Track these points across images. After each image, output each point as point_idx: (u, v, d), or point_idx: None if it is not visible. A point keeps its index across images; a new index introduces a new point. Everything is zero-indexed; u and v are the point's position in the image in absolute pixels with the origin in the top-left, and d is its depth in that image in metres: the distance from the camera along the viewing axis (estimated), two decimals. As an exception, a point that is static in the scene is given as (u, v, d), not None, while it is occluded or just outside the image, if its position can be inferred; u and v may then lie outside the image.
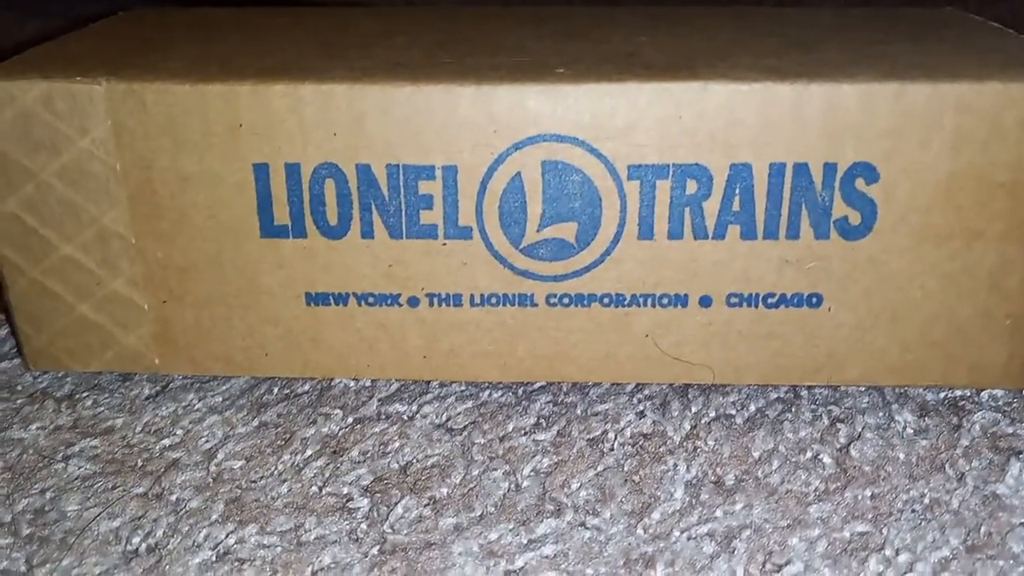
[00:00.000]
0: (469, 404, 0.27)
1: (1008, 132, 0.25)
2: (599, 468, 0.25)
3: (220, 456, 0.25)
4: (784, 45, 0.28)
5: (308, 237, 0.26)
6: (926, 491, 0.24)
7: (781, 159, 0.25)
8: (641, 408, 0.27)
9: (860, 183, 0.25)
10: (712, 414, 0.27)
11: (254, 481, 0.24)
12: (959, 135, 0.25)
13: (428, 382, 0.28)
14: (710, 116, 0.24)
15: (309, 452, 0.25)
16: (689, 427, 0.26)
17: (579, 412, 0.27)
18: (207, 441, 0.26)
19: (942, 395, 0.28)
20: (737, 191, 0.25)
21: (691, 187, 0.25)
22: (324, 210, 0.25)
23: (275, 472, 0.25)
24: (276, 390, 0.28)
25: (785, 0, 0.76)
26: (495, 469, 0.25)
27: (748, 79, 0.24)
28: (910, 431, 0.26)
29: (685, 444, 0.26)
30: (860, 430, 0.26)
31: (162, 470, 0.25)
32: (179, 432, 0.26)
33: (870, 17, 0.32)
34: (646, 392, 0.28)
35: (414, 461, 0.25)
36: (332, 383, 0.28)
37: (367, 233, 0.26)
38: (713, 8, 0.34)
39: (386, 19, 0.33)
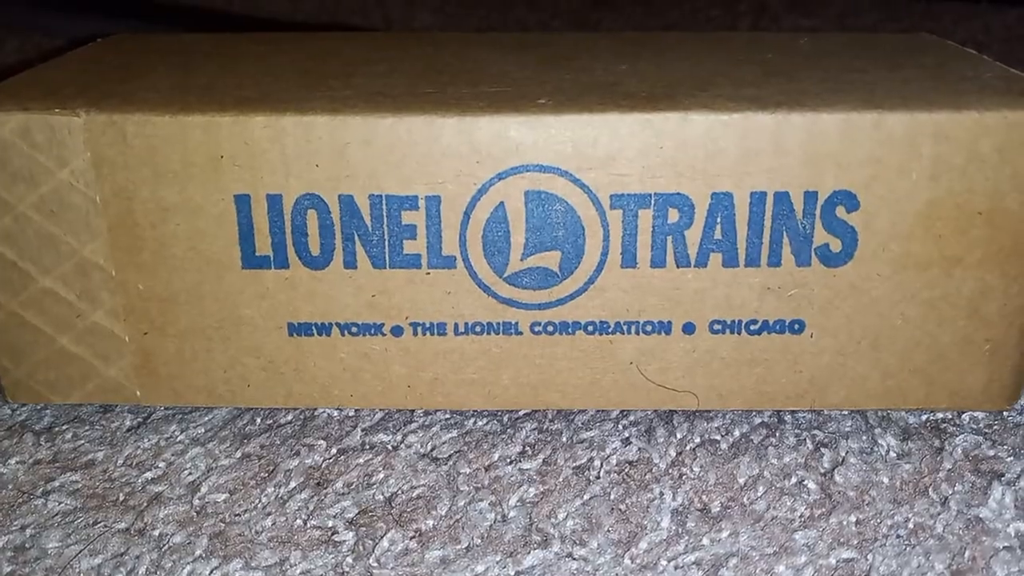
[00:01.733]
0: (454, 433, 0.27)
1: (985, 160, 0.25)
2: (585, 497, 0.25)
3: (203, 489, 0.25)
4: (763, 73, 0.28)
5: (290, 268, 0.26)
6: (910, 516, 0.24)
7: (762, 188, 0.25)
8: (626, 435, 0.27)
9: (840, 211, 0.25)
10: (697, 440, 0.27)
11: (238, 515, 0.24)
12: (937, 163, 0.25)
13: (412, 411, 0.28)
14: (691, 146, 0.25)
15: (293, 484, 0.25)
16: (674, 454, 0.26)
17: (565, 440, 0.27)
18: (190, 474, 0.25)
19: (924, 418, 0.28)
20: (719, 220, 0.25)
21: (673, 216, 0.25)
22: (306, 241, 0.25)
23: (259, 505, 0.24)
24: (259, 420, 0.28)
25: (761, 24, 0.77)
26: (481, 500, 0.25)
27: (728, 109, 0.25)
28: (893, 455, 0.27)
29: (671, 471, 0.26)
30: (844, 455, 0.26)
31: (144, 504, 0.24)
32: (161, 465, 0.26)
33: (847, 43, 0.32)
34: (631, 418, 0.28)
35: (399, 492, 0.25)
36: (315, 413, 0.28)
37: (350, 263, 0.25)
38: (693, 34, 0.34)
39: (367, 46, 0.33)
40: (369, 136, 0.25)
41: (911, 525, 0.24)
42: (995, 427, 0.28)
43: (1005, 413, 0.28)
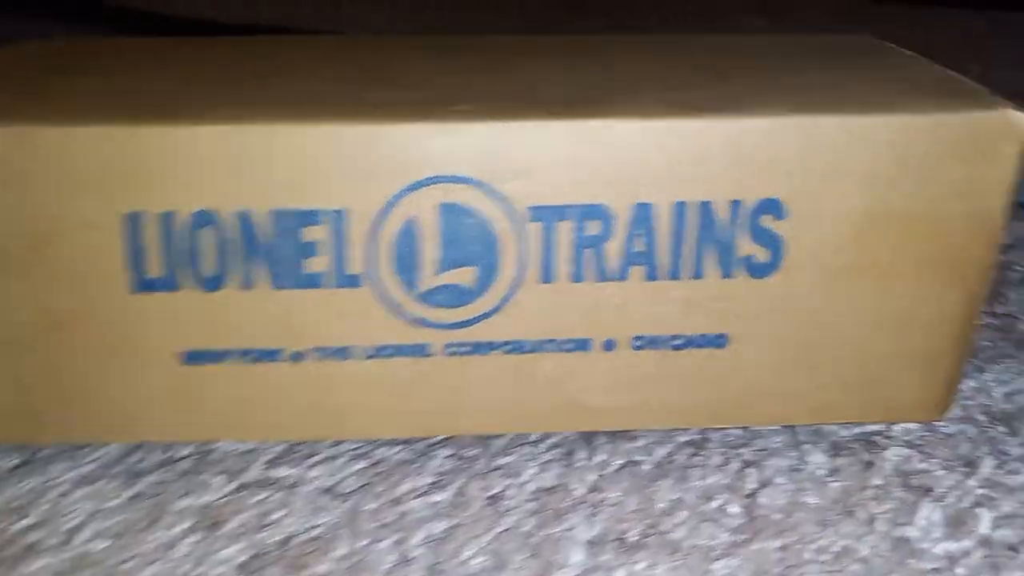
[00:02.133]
0: (361, 464, 0.25)
1: (917, 165, 0.24)
2: (496, 531, 0.23)
3: (85, 535, 0.23)
4: (693, 76, 0.27)
5: (183, 290, 0.24)
6: (836, 539, 0.23)
7: (684, 197, 0.24)
8: (546, 459, 0.26)
9: (767, 220, 0.24)
10: (619, 462, 0.26)
11: (121, 562, 0.22)
12: (868, 170, 0.24)
13: (319, 442, 0.26)
14: (612, 154, 0.23)
15: (184, 526, 0.23)
16: (594, 478, 0.25)
17: (480, 467, 0.25)
18: (73, 518, 0.23)
19: (856, 430, 0.27)
20: (640, 232, 0.24)
21: (593, 228, 0.24)
22: (201, 261, 0.23)
23: (144, 551, 0.22)
24: (154, 456, 0.26)
25: (715, 26, 0.76)
26: (383, 539, 0.23)
27: (652, 115, 0.23)
28: (822, 472, 0.26)
29: (588, 498, 0.25)
30: (770, 475, 0.25)
31: (18, 556, 0.22)
32: (43, 509, 0.24)
33: (784, 44, 0.31)
34: (552, 440, 0.27)
35: (297, 533, 0.23)
36: (215, 446, 0.26)
37: (247, 284, 0.24)
38: (638, 37, 0.33)
39: (293, 50, 0.30)
40: (268, 147, 0.23)
41: (836, 549, 0.23)
42: (927, 438, 0.27)
43: (937, 423, 0.28)
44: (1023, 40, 0.70)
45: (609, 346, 0.25)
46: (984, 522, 0.24)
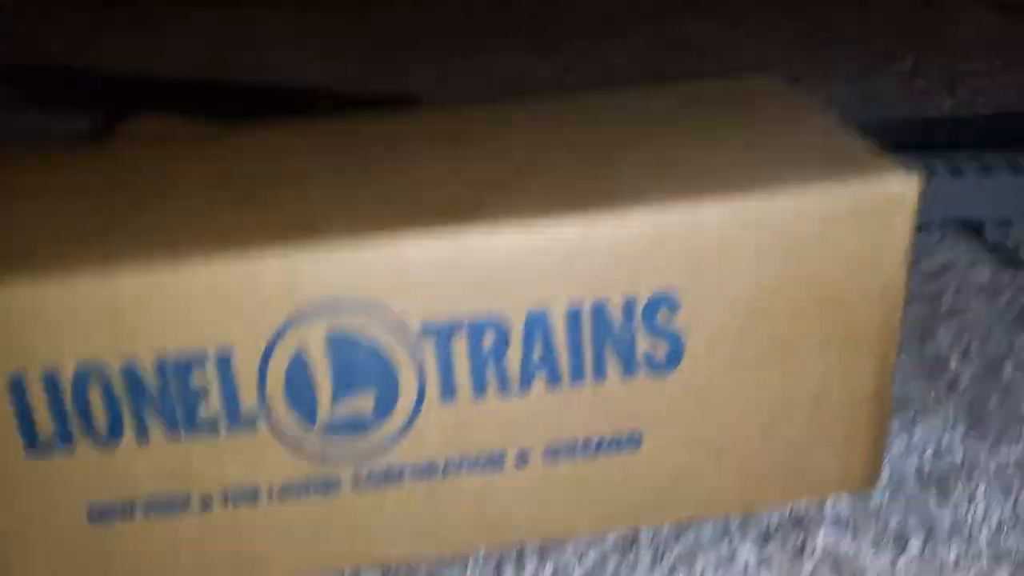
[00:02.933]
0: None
1: (806, 243, 0.24)
2: (424, 662, 0.23)
3: None
4: (580, 159, 0.26)
5: (79, 449, 0.23)
6: (769, 638, 0.23)
7: (577, 300, 0.23)
8: (474, 576, 0.25)
9: (662, 314, 0.24)
10: (548, 573, 0.25)
11: None
12: (759, 251, 0.24)
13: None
14: (498, 261, 0.23)
15: None
16: (523, 595, 0.25)
17: (406, 593, 0.25)
18: None
19: (786, 511, 0.27)
20: (537, 339, 0.24)
21: (489, 340, 0.24)
22: (91, 417, 0.23)
23: None
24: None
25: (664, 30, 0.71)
26: None
27: (535, 215, 0.23)
28: (752, 564, 0.25)
29: (519, 615, 0.24)
30: (700, 572, 0.25)
31: None
32: None
33: (681, 101, 0.29)
34: (480, 553, 0.26)
35: None
36: (131, 599, 0.25)
37: (142, 437, 0.23)
38: (522, 106, 0.31)
39: (162, 165, 0.28)
40: (142, 291, 0.22)
41: (770, 650, 0.22)
42: (857, 512, 0.27)
43: (867, 493, 0.27)
44: (956, 27, 0.69)
45: (523, 458, 0.25)
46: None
